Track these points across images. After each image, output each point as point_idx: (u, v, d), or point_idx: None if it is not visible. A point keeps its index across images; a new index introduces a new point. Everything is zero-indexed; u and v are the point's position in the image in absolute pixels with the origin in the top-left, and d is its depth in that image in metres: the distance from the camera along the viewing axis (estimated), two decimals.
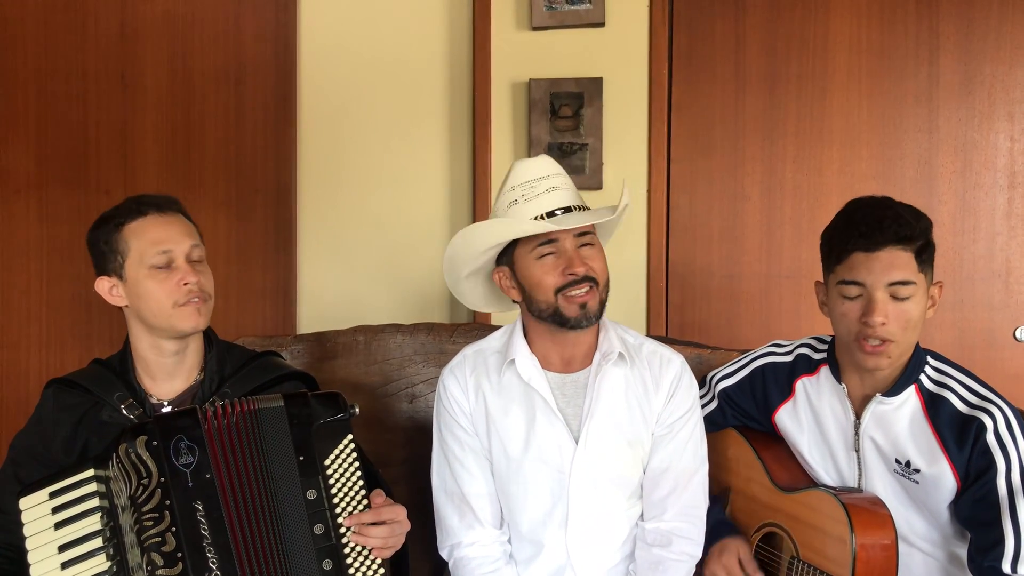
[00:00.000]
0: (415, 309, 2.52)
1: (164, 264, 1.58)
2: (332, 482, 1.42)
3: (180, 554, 1.35)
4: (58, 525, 1.40)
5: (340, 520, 1.41)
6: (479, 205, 2.45)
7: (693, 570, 1.73)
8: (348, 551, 1.40)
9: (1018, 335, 2.42)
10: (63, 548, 1.39)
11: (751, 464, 1.83)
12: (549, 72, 2.44)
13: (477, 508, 1.74)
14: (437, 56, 2.52)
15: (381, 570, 1.42)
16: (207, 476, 1.39)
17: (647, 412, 1.72)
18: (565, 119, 2.42)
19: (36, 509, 1.41)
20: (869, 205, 1.61)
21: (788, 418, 1.79)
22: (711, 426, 1.84)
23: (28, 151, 2.61)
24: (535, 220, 1.62)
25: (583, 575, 1.71)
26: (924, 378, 1.63)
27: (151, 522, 1.36)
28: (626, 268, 2.42)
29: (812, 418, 1.75)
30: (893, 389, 1.63)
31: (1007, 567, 1.49)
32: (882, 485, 1.66)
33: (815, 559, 1.65)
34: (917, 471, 1.61)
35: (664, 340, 1.97)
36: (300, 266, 2.58)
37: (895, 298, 1.55)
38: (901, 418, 1.63)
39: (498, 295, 1.81)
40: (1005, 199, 2.43)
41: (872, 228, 1.55)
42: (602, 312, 1.68)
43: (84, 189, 2.60)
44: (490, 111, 2.46)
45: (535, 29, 2.44)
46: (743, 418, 1.88)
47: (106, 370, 1.65)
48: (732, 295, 2.51)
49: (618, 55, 2.44)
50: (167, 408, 1.61)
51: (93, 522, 1.40)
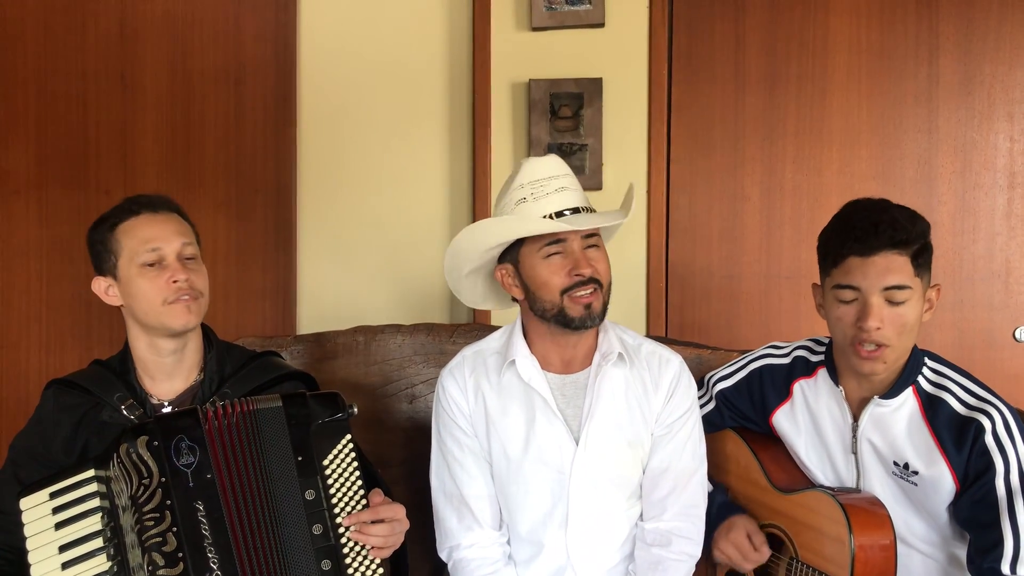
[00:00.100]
0: (415, 309, 2.52)
1: (154, 262, 1.57)
2: (331, 482, 1.42)
3: (181, 554, 1.35)
4: (58, 525, 1.40)
5: (339, 520, 1.41)
6: (479, 205, 2.45)
7: (693, 570, 1.74)
8: (347, 551, 1.40)
9: (1018, 335, 2.42)
10: (63, 548, 1.39)
11: (749, 465, 1.83)
12: (549, 72, 2.44)
13: (476, 509, 1.74)
14: (437, 56, 2.52)
15: (380, 570, 1.42)
16: (208, 476, 1.39)
17: (647, 412, 1.72)
18: (565, 119, 2.42)
19: (36, 509, 1.41)
20: (865, 208, 1.60)
21: (785, 420, 1.78)
22: (709, 427, 1.83)
23: (28, 151, 2.60)
24: (545, 219, 1.62)
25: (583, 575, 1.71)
26: (922, 380, 1.63)
27: (152, 522, 1.36)
28: (626, 268, 2.42)
29: (809, 420, 1.75)
30: (891, 391, 1.63)
31: (1006, 568, 1.49)
32: (880, 487, 1.66)
33: (814, 560, 1.65)
34: (915, 473, 1.60)
35: (664, 340, 1.97)
36: (300, 266, 2.58)
37: (891, 303, 1.54)
38: (899, 420, 1.63)
39: (498, 292, 1.81)
40: (1005, 199, 2.43)
41: (867, 232, 1.54)
42: (605, 314, 1.67)
43: (84, 189, 2.59)
44: (490, 111, 2.46)
45: (535, 30, 2.44)
46: (740, 419, 1.88)
47: (106, 371, 1.64)
48: (732, 295, 2.51)
49: (618, 55, 2.44)
50: (167, 408, 1.61)
51: (94, 522, 1.40)
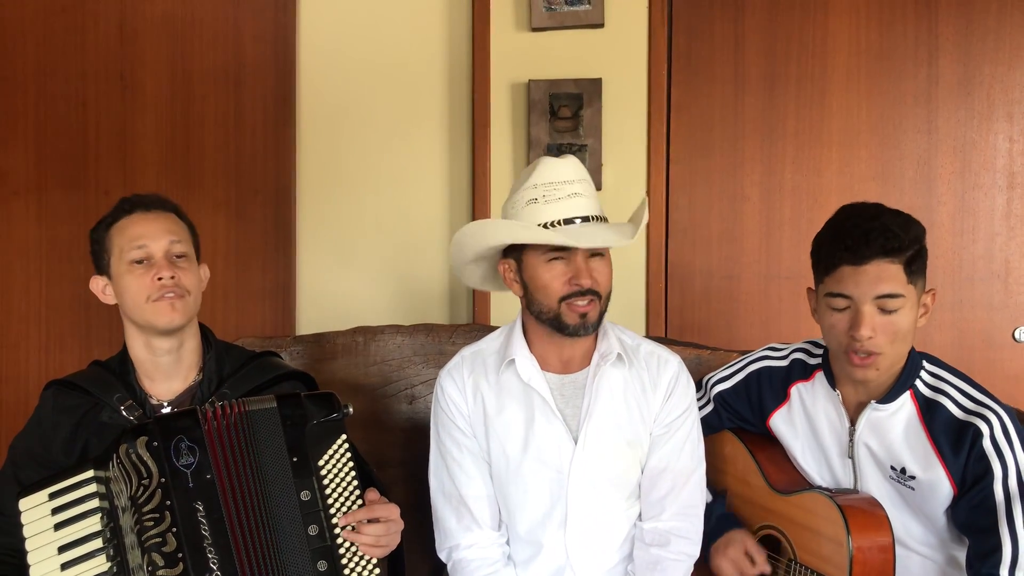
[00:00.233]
0: (415, 310, 2.52)
1: (141, 259, 1.58)
2: (326, 483, 1.41)
3: (181, 554, 1.35)
4: (58, 526, 1.39)
5: (335, 520, 1.40)
6: (478, 206, 2.45)
7: (691, 569, 1.74)
8: (343, 551, 1.40)
9: (1017, 336, 2.42)
10: (63, 549, 1.38)
11: (747, 466, 1.83)
12: (548, 73, 2.44)
13: (475, 510, 1.74)
14: (436, 57, 2.52)
15: (377, 570, 1.41)
16: (208, 477, 1.39)
17: (645, 412, 1.72)
18: (564, 120, 2.42)
19: (36, 510, 1.41)
20: (857, 215, 1.58)
21: (783, 423, 1.78)
22: (707, 429, 1.83)
23: (27, 152, 2.60)
24: (553, 226, 1.61)
25: None
26: (920, 384, 1.62)
27: (152, 522, 1.36)
28: (625, 269, 2.42)
29: (807, 424, 1.75)
30: (887, 396, 1.62)
31: (1005, 573, 1.48)
32: (877, 491, 1.65)
33: (812, 561, 1.65)
34: (913, 478, 1.60)
35: (663, 341, 1.98)
36: (299, 267, 2.58)
37: (883, 311, 1.53)
38: (896, 425, 1.62)
39: (498, 278, 1.80)
40: (1004, 200, 2.42)
41: (859, 241, 1.53)
42: (600, 322, 1.68)
43: (83, 190, 2.60)
44: (489, 112, 2.46)
45: (534, 30, 2.44)
46: (738, 422, 1.87)
47: (105, 371, 1.64)
48: (731, 296, 2.51)
49: (617, 56, 2.44)
50: (167, 409, 1.61)
51: (93, 523, 1.40)
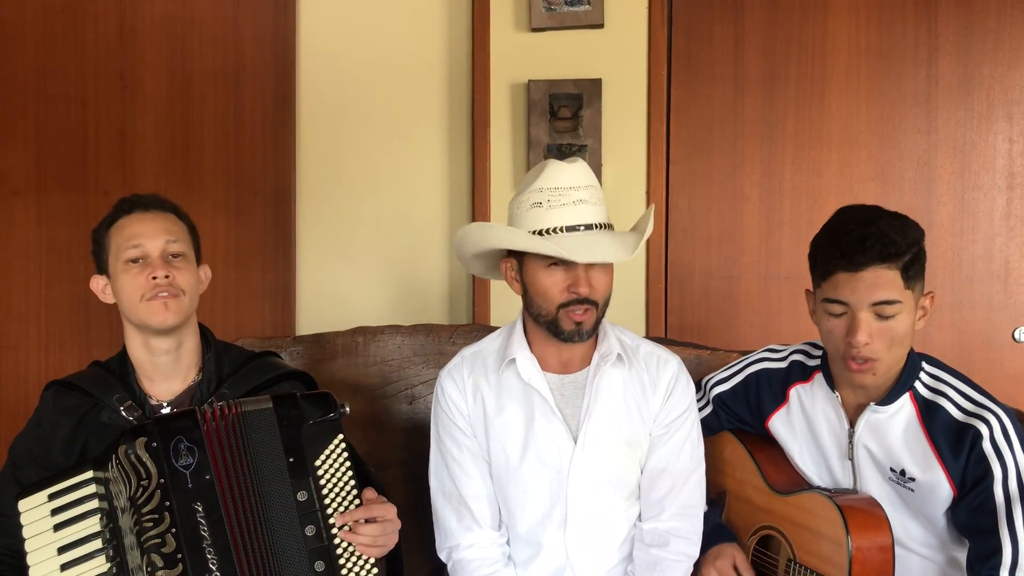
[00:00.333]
0: (414, 310, 2.52)
1: (136, 258, 1.58)
2: (323, 483, 1.41)
3: (180, 555, 1.35)
4: (57, 527, 1.40)
5: (332, 521, 1.40)
6: (478, 206, 2.45)
7: (691, 570, 1.74)
8: (340, 552, 1.40)
9: (1017, 336, 2.42)
10: (63, 550, 1.39)
11: (746, 467, 1.83)
12: (548, 73, 2.44)
13: (475, 510, 1.74)
14: (436, 57, 2.52)
15: (374, 570, 1.41)
16: (207, 477, 1.39)
17: (645, 412, 1.73)
18: (564, 120, 2.42)
19: (35, 511, 1.41)
20: (854, 220, 1.56)
21: (782, 425, 1.78)
22: (706, 430, 1.83)
23: (27, 152, 2.60)
24: (555, 232, 1.61)
25: None
26: (919, 385, 1.62)
27: (151, 523, 1.36)
28: (625, 269, 2.41)
29: (806, 426, 1.74)
30: (887, 398, 1.62)
31: (1005, 575, 1.48)
32: (877, 493, 1.65)
33: (812, 562, 1.64)
34: (912, 479, 1.60)
35: (663, 341, 1.98)
36: (299, 267, 2.58)
37: (880, 317, 1.52)
38: (895, 427, 1.62)
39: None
40: (1004, 200, 2.43)
41: (855, 248, 1.51)
42: (596, 329, 1.69)
43: (83, 190, 2.59)
44: (489, 112, 2.46)
45: (534, 30, 2.44)
46: (737, 423, 1.87)
47: (105, 372, 1.64)
48: (731, 296, 2.51)
49: (617, 56, 2.44)
50: (166, 409, 1.61)
51: (93, 523, 1.40)
